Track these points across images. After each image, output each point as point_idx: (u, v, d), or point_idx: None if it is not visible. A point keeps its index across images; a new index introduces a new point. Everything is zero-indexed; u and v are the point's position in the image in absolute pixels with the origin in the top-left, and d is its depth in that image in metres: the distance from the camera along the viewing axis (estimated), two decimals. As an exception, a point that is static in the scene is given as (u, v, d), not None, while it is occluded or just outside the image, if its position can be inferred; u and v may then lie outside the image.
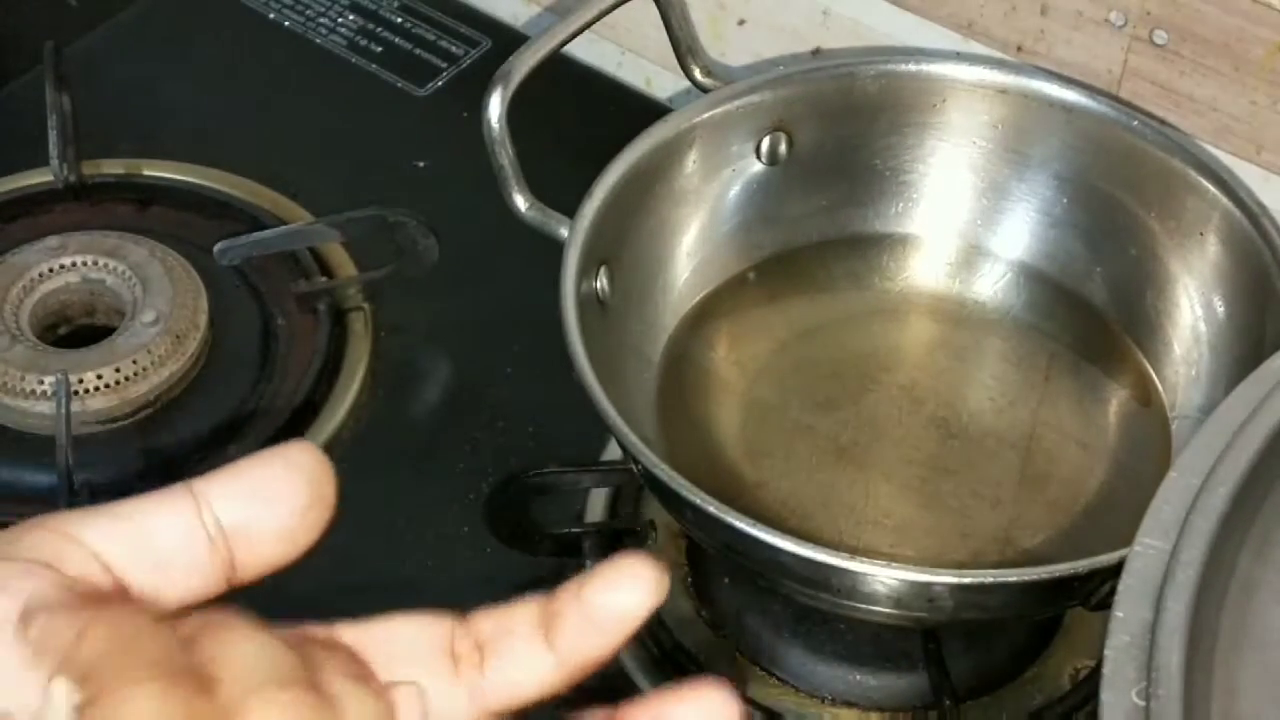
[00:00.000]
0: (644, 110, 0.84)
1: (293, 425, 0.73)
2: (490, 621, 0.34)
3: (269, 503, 0.32)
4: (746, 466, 0.69)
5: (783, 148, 0.75)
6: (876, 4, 0.80)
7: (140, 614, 0.30)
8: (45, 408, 0.71)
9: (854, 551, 0.57)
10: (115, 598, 0.31)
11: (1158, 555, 0.44)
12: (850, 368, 0.73)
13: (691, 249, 0.75)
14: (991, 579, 0.58)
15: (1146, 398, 0.73)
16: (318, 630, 0.33)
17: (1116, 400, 0.73)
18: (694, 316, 0.75)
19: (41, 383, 0.71)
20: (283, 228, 0.80)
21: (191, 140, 0.85)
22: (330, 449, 0.72)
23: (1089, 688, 0.66)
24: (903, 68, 0.75)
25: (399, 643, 0.34)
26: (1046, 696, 0.66)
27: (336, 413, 0.74)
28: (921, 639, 0.65)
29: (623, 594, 0.33)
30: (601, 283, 0.69)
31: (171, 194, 0.83)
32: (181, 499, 0.32)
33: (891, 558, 0.63)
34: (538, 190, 0.69)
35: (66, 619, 0.29)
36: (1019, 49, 0.78)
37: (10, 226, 0.80)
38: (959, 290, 0.77)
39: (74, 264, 0.76)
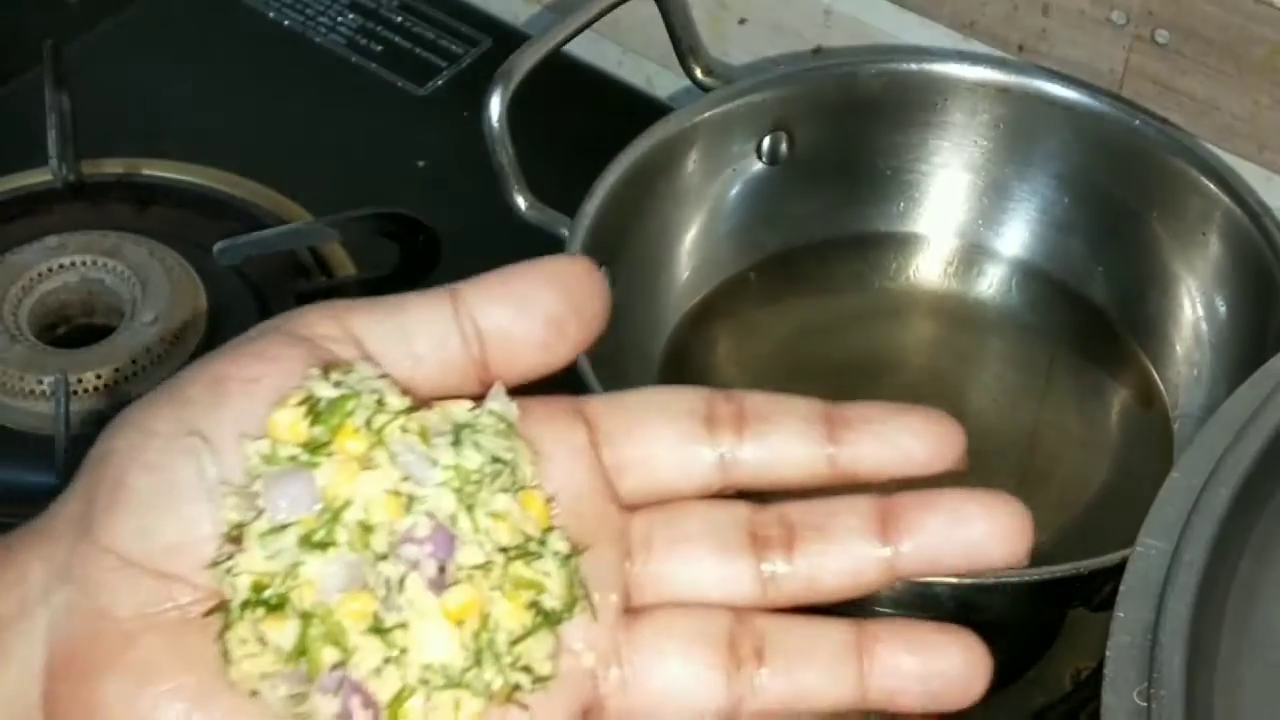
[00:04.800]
0: (645, 109, 0.84)
1: (292, 425, 0.73)
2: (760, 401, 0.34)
3: (524, 311, 0.33)
4: (747, 466, 0.69)
5: (784, 147, 0.75)
6: (878, 3, 0.80)
7: None
8: (44, 407, 0.71)
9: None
10: None
11: (1159, 556, 0.44)
12: (851, 367, 0.73)
13: (692, 248, 0.75)
14: (992, 579, 0.57)
15: (1148, 398, 0.72)
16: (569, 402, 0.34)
17: (1118, 400, 0.73)
18: (695, 316, 0.74)
19: (40, 382, 0.71)
20: (282, 227, 0.80)
21: (191, 140, 0.85)
22: (330, 449, 0.72)
23: (1090, 688, 0.66)
24: (904, 67, 0.75)
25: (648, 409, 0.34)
26: (1048, 697, 0.66)
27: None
28: (922, 639, 0.65)
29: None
30: (602, 282, 0.69)
31: (171, 194, 0.82)
32: (441, 300, 0.33)
33: (892, 558, 0.63)
34: (538, 190, 0.69)
35: None
36: (1021, 48, 0.78)
37: (9, 226, 0.80)
38: (960, 290, 0.76)
39: (73, 264, 0.76)
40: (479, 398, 0.33)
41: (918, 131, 0.76)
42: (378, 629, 0.31)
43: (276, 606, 0.31)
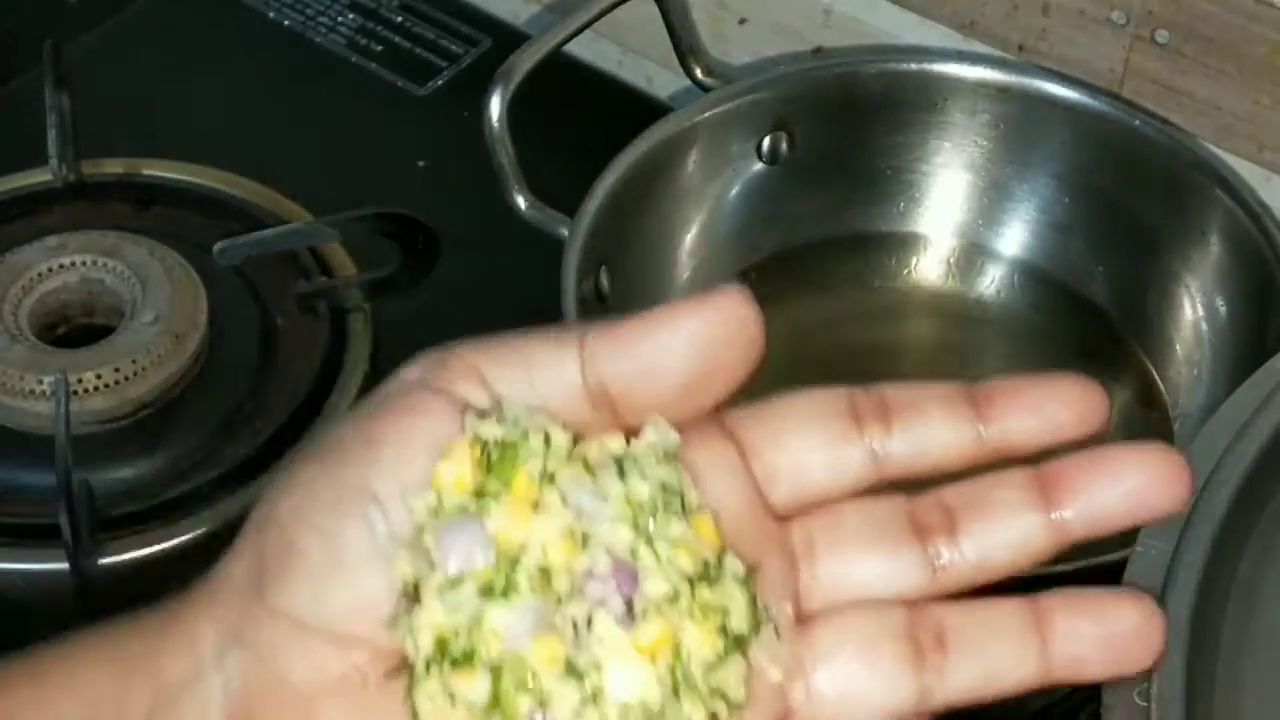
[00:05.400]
0: (645, 109, 0.84)
1: (293, 425, 0.73)
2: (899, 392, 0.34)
3: (653, 375, 0.32)
4: (747, 466, 0.69)
5: (784, 147, 0.75)
6: (878, 3, 0.80)
7: None
8: (44, 407, 0.71)
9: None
10: None
11: (1159, 556, 0.44)
12: (851, 367, 0.73)
13: (692, 248, 0.75)
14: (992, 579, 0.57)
15: (1149, 398, 0.72)
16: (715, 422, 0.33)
17: (1118, 400, 0.73)
18: (695, 316, 0.74)
19: (41, 382, 0.71)
20: (282, 227, 0.80)
21: (191, 140, 0.85)
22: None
23: (1091, 688, 0.65)
24: (904, 67, 0.75)
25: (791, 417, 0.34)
26: (1048, 696, 0.66)
27: (337, 413, 0.74)
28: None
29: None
30: (602, 282, 0.69)
31: (171, 194, 0.82)
32: (568, 349, 0.32)
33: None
34: (538, 190, 0.69)
35: None
36: (1021, 48, 0.78)
37: (9, 226, 0.80)
38: (960, 290, 0.76)
39: (73, 263, 0.76)
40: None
41: (918, 131, 0.76)
42: (571, 672, 0.30)
43: (464, 660, 0.30)
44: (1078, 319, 0.75)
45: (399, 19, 0.93)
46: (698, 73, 0.77)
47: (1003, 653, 0.33)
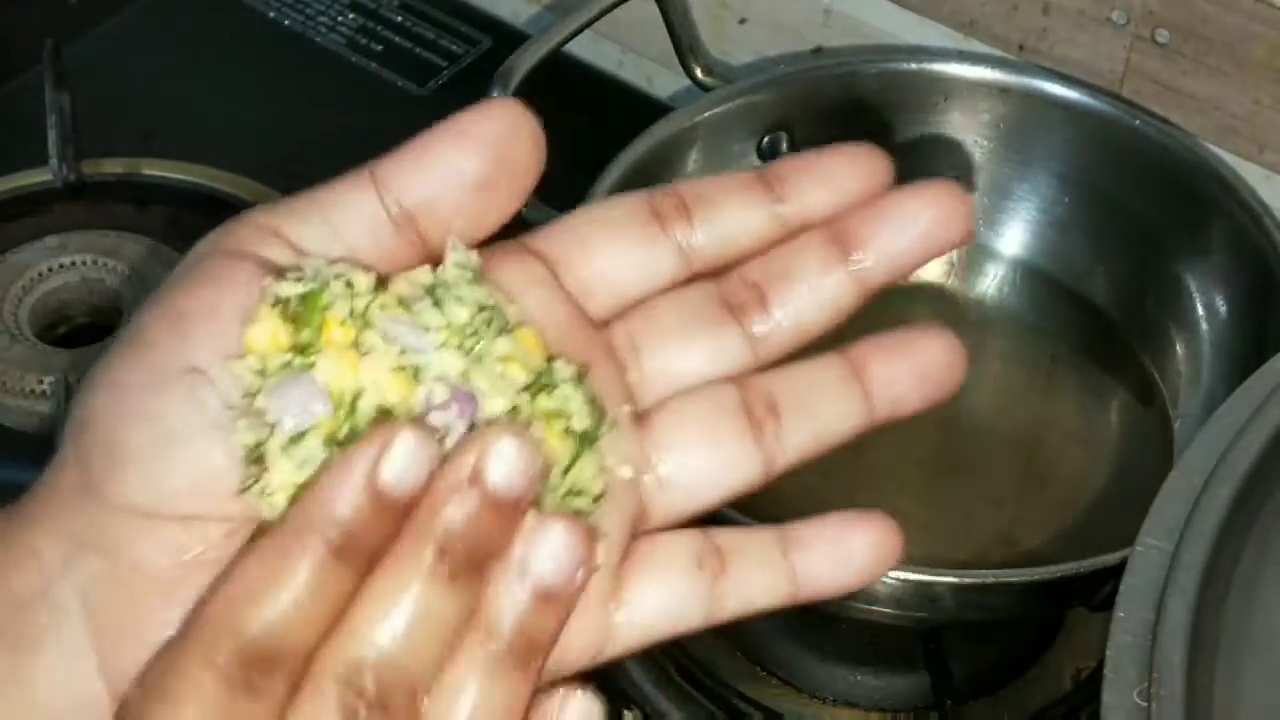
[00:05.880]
0: (645, 109, 0.84)
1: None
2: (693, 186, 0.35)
3: (447, 181, 0.32)
4: (747, 466, 0.69)
5: (784, 147, 0.75)
6: (878, 3, 0.80)
7: None
8: (44, 407, 0.71)
9: (855, 551, 0.57)
10: None
11: (1160, 555, 0.44)
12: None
13: (692, 248, 0.75)
14: (993, 579, 0.57)
15: (1148, 397, 0.72)
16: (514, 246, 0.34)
17: (1118, 400, 0.73)
18: (695, 316, 0.74)
19: (41, 382, 0.71)
20: (283, 227, 0.80)
21: (191, 140, 0.85)
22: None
23: (1091, 688, 0.66)
24: (904, 66, 0.75)
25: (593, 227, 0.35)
26: (1048, 697, 0.66)
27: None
28: (922, 639, 0.65)
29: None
30: (602, 282, 0.69)
31: (171, 193, 0.82)
32: (363, 185, 0.33)
33: (893, 558, 0.63)
34: (538, 190, 0.68)
35: None
36: (1021, 48, 0.78)
37: (10, 226, 0.80)
38: (960, 290, 0.76)
39: (73, 263, 0.76)
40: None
41: (918, 131, 0.76)
42: None
43: None
44: (1078, 318, 0.75)
45: (399, 19, 0.93)
46: (698, 73, 0.77)
47: (830, 406, 0.35)
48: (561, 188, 0.69)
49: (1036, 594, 0.59)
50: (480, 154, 0.32)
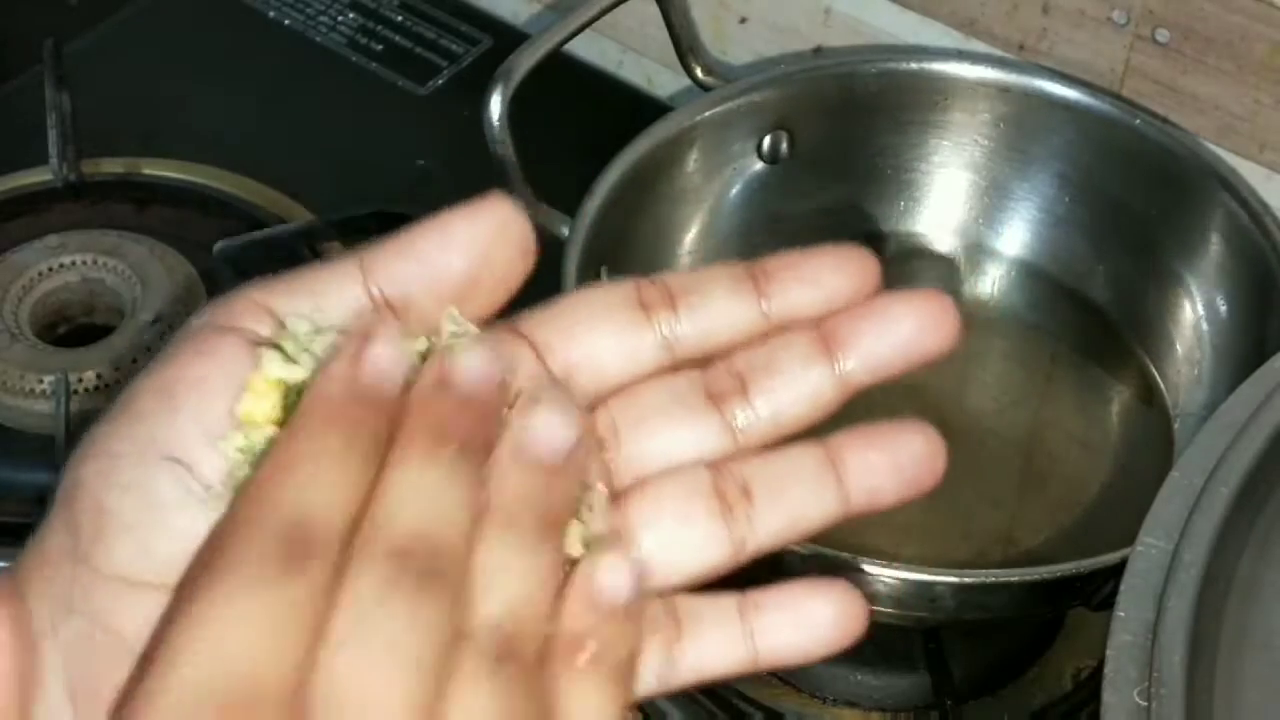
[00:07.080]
0: (645, 109, 0.84)
1: (293, 425, 0.73)
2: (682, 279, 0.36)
3: (428, 278, 0.33)
4: (747, 466, 0.69)
5: (784, 146, 0.75)
6: (878, 2, 0.80)
7: None
8: (45, 407, 0.71)
9: (855, 551, 0.57)
10: None
11: (1160, 555, 0.44)
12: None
13: (693, 248, 0.75)
14: (993, 579, 0.57)
15: (1149, 397, 0.72)
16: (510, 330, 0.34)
17: (1119, 399, 0.73)
18: (695, 316, 0.74)
19: (41, 382, 0.71)
20: (282, 227, 0.80)
21: (191, 140, 0.85)
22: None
23: (1091, 688, 0.66)
24: (904, 66, 0.75)
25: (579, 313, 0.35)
26: (1048, 696, 0.66)
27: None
28: (923, 639, 0.65)
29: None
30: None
31: (171, 193, 0.83)
32: (350, 271, 0.33)
33: (893, 557, 0.63)
34: (538, 190, 0.69)
35: None
36: (1021, 47, 0.78)
37: (10, 225, 0.80)
38: (961, 289, 0.76)
39: (73, 263, 0.76)
40: None
41: (918, 131, 0.76)
42: None
43: None
44: (1078, 318, 0.75)
45: (399, 18, 0.93)
46: (698, 72, 0.77)
47: (804, 493, 0.35)
48: (561, 188, 0.69)
49: (1036, 594, 0.59)
50: (464, 254, 0.33)
